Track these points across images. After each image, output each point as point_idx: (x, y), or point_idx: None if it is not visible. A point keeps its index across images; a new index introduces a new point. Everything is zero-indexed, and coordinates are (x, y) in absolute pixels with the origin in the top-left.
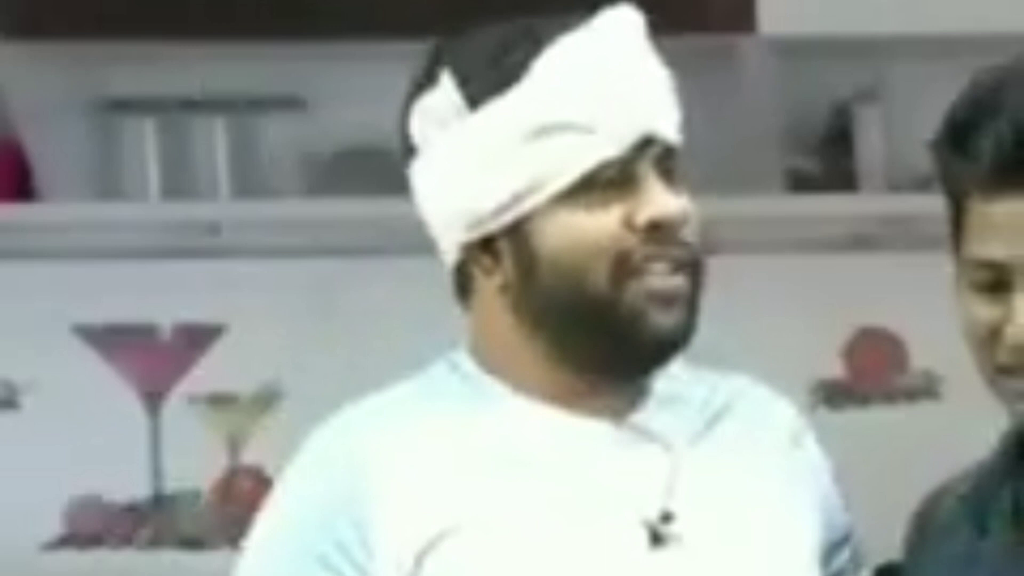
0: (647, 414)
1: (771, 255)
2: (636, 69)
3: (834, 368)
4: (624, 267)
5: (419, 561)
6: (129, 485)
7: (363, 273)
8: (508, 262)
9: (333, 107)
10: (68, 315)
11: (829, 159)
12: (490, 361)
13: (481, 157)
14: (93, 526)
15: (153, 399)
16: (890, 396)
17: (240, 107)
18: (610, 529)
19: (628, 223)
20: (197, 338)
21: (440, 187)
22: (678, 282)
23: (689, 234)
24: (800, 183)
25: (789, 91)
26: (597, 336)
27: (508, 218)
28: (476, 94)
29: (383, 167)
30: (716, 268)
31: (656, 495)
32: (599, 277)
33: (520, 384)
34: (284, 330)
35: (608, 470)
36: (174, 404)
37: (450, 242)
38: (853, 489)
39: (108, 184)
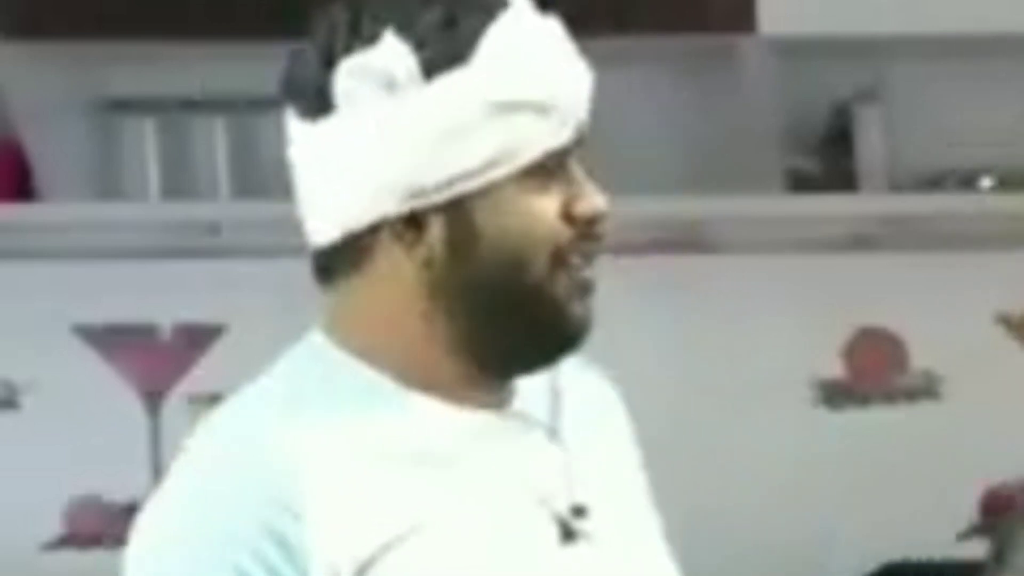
0: (521, 403)
1: (771, 255)
2: (571, 53)
3: (834, 368)
4: (558, 258)
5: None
6: (129, 485)
7: None
8: (438, 237)
9: None
10: (68, 315)
11: (829, 159)
12: (364, 343)
13: (436, 129)
14: (93, 526)
15: (153, 399)
16: (890, 396)
17: (240, 107)
18: (524, 526)
19: (565, 214)
20: (197, 338)
21: (377, 153)
22: (592, 274)
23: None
24: (800, 183)
25: (789, 91)
26: (518, 323)
27: (453, 193)
28: (431, 62)
29: None
30: (716, 268)
31: (560, 488)
32: (538, 266)
33: (401, 371)
34: (284, 330)
35: (509, 464)
36: (174, 404)
37: (368, 211)
38: (853, 489)
39: (108, 184)
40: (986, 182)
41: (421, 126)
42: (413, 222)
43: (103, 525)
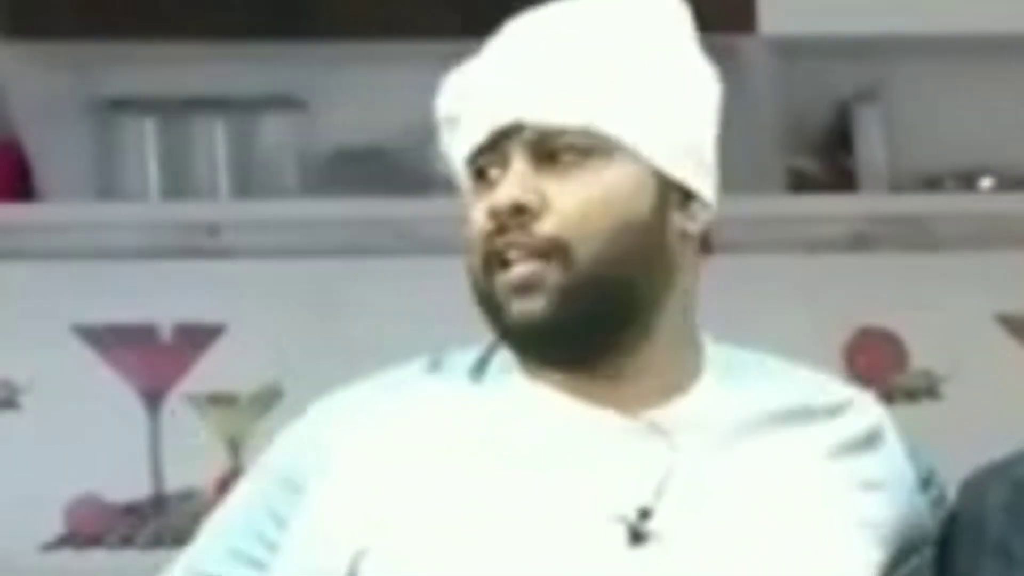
0: (664, 413)
1: (771, 255)
2: (522, 54)
3: (834, 368)
4: (490, 259)
5: (362, 542)
6: (129, 485)
7: (363, 273)
8: None
9: (333, 107)
10: (68, 315)
11: (829, 159)
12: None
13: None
14: (93, 526)
15: (153, 399)
16: (890, 396)
17: (240, 107)
18: (586, 523)
19: (491, 211)
20: (197, 338)
21: None
22: (534, 268)
23: (548, 225)
24: (800, 183)
25: (789, 91)
26: (490, 321)
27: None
28: None
29: (382, 167)
30: (716, 268)
31: (642, 492)
32: (477, 269)
33: (536, 371)
34: (284, 330)
35: (598, 463)
36: (174, 404)
37: None
38: None
39: (108, 184)
40: (986, 182)
41: None
42: None
43: (103, 525)
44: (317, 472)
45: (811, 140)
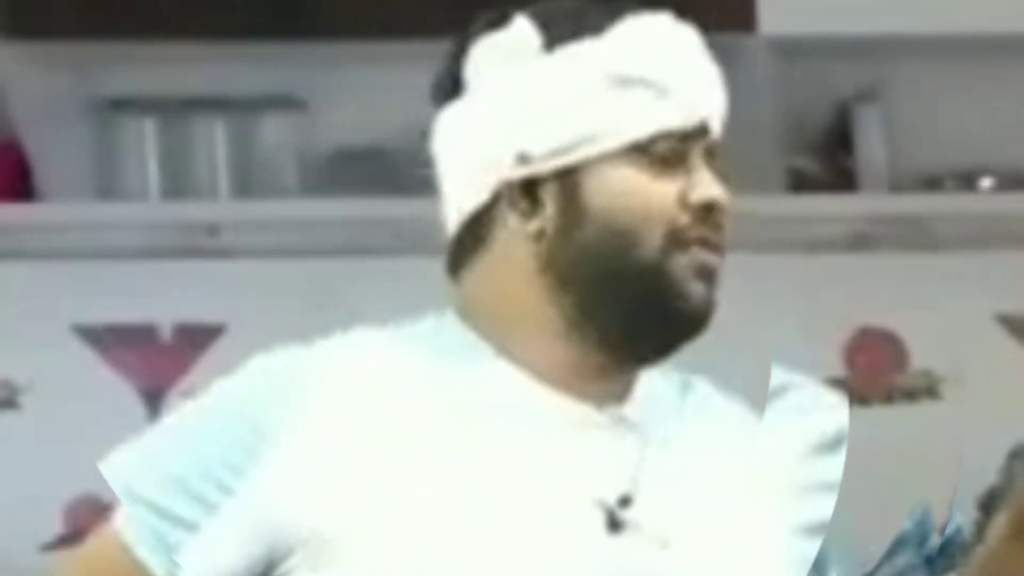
0: (631, 407)
1: (771, 255)
2: (705, 58)
3: (834, 368)
4: (676, 240)
5: (330, 502)
6: None
7: (363, 273)
8: (551, 208)
9: (332, 107)
10: (68, 315)
11: (829, 159)
12: (491, 320)
13: (550, 96)
14: (93, 526)
15: (153, 399)
16: (890, 396)
17: (240, 107)
18: (565, 510)
19: (682, 201)
20: (197, 338)
21: (492, 121)
22: (718, 260)
23: (728, 224)
24: (800, 183)
25: (789, 91)
26: (630, 298)
27: (564, 161)
28: (555, 38)
29: (382, 167)
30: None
31: (620, 480)
32: (650, 245)
33: (520, 349)
34: (284, 330)
35: (575, 453)
36: (174, 404)
37: (485, 181)
38: (852, 489)
39: (108, 184)
40: (986, 182)
41: (535, 93)
42: (529, 192)
43: (103, 525)
44: (289, 426)
45: (811, 140)
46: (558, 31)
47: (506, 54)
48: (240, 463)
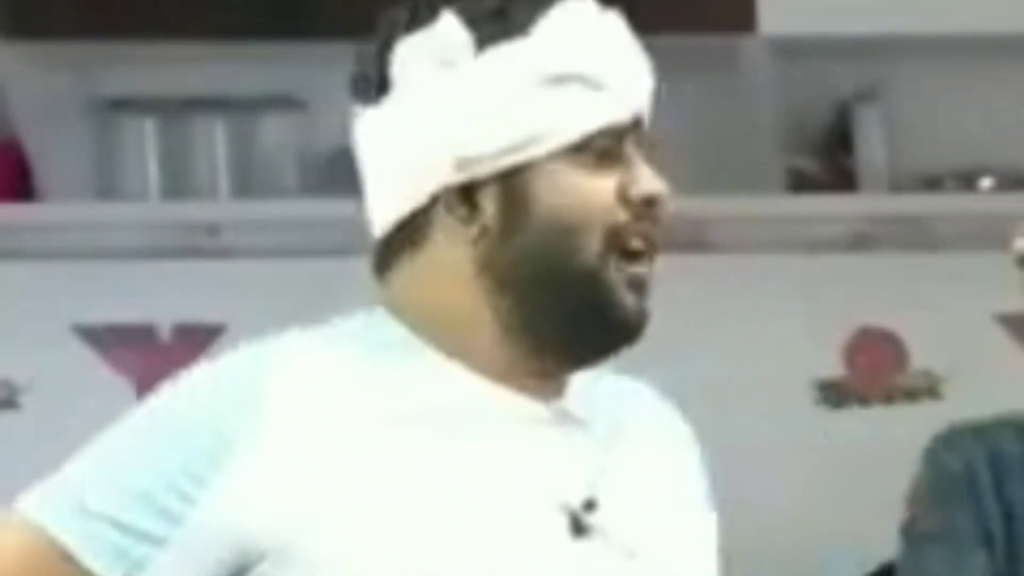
0: (571, 401)
1: (771, 255)
2: (634, 47)
3: (834, 368)
4: (614, 241)
5: (295, 508)
6: None
7: (363, 273)
8: (492, 211)
9: (332, 107)
10: (67, 315)
11: (829, 159)
12: (425, 322)
13: (486, 99)
14: None
15: None
16: (890, 396)
17: (240, 107)
18: (529, 514)
19: (622, 196)
20: (197, 338)
21: (429, 125)
22: (649, 270)
23: (666, 218)
24: (800, 183)
25: (789, 91)
26: (569, 304)
27: (505, 163)
28: (485, 36)
29: None
30: (716, 268)
31: (580, 483)
32: (590, 245)
33: (457, 351)
34: (284, 330)
35: (531, 452)
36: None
37: (421, 186)
38: (853, 489)
39: (108, 184)
40: (986, 182)
41: (472, 96)
42: (467, 197)
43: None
44: (248, 433)
45: (811, 140)
46: (487, 30)
47: (435, 55)
48: (202, 472)
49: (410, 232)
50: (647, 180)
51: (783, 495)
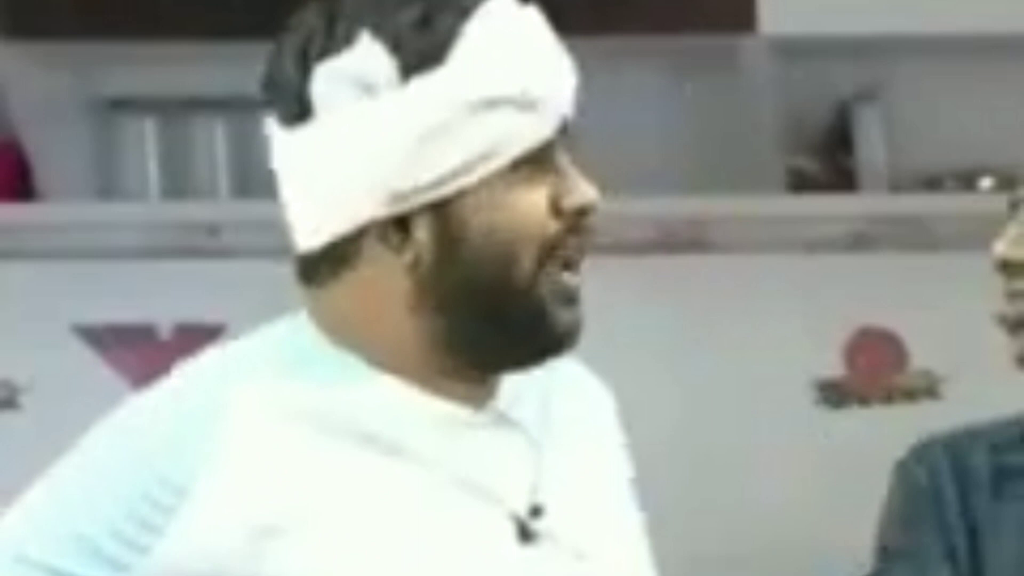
0: (505, 403)
1: (771, 255)
2: (554, 44)
3: (834, 368)
4: (548, 254)
5: (257, 545)
6: None
7: None
8: (425, 239)
9: None
10: (68, 315)
11: (829, 159)
12: (354, 337)
13: (415, 131)
14: None
15: None
16: (890, 396)
17: (240, 107)
18: (477, 524)
19: (555, 208)
20: (197, 338)
21: (357, 158)
22: (579, 281)
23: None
24: (800, 183)
25: (789, 91)
26: (504, 324)
27: (437, 195)
28: (409, 63)
29: None
30: (717, 268)
31: (523, 488)
32: (524, 262)
33: (386, 363)
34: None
35: (473, 459)
36: None
37: (352, 216)
38: (853, 489)
39: (108, 184)
40: (986, 182)
41: (400, 129)
42: (399, 224)
43: None
44: (203, 474)
45: (811, 140)
46: (408, 55)
47: (360, 86)
48: (154, 520)
49: (337, 252)
50: (580, 190)
51: (783, 495)
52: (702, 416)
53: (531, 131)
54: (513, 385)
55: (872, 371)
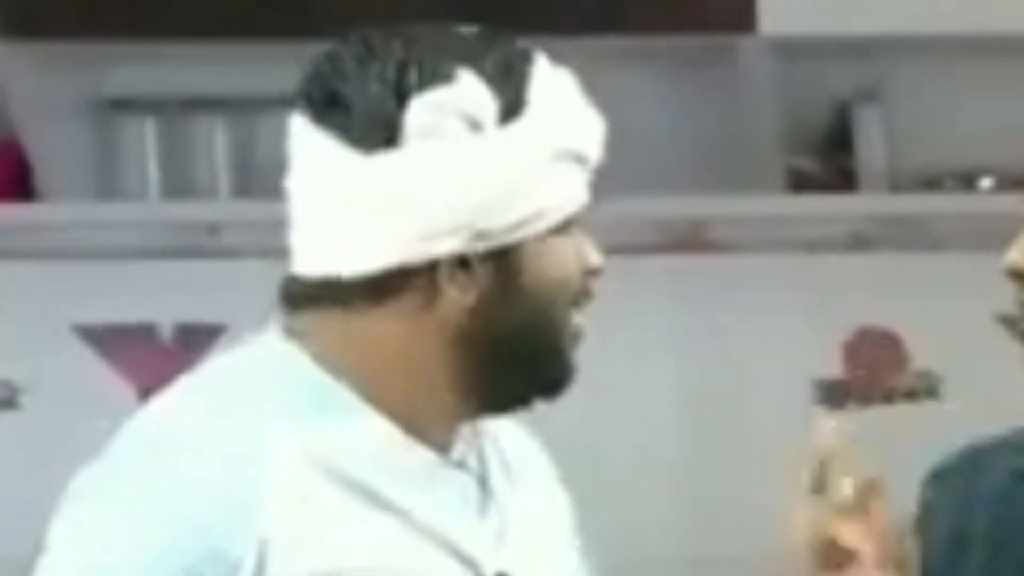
0: (462, 448)
1: (771, 255)
2: (588, 104)
3: (834, 368)
4: (576, 304)
5: None
6: None
7: None
8: (486, 283)
9: None
10: (68, 315)
11: (829, 159)
12: (359, 366)
13: (509, 170)
14: None
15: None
16: (890, 396)
17: (240, 107)
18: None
19: (580, 263)
20: (197, 338)
21: (451, 189)
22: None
23: None
24: (800, 183)
25: (789, 91)
26: (530, 366)
27: (512, 238)
28: (506, 104)
29: None
30: (716, 268)
31: (489, 549)
32: (562, 312)
33: (376, 398)
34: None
35: (442, 513)
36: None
37: (427, 247)
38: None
39: (108, 184)
40: (986, 182)
41: (500, 168)
42: (462, 264)
43: None
44: (258, 545)
45: (811, 140)
46: (505, 97)
47: (465, 120)
48: None
49: (388, 280)
50: (593, 252)
51: (782, 495)
52: (702, 416)
53: (583, 186)
54: (466, 430)
55: (872, 371)
